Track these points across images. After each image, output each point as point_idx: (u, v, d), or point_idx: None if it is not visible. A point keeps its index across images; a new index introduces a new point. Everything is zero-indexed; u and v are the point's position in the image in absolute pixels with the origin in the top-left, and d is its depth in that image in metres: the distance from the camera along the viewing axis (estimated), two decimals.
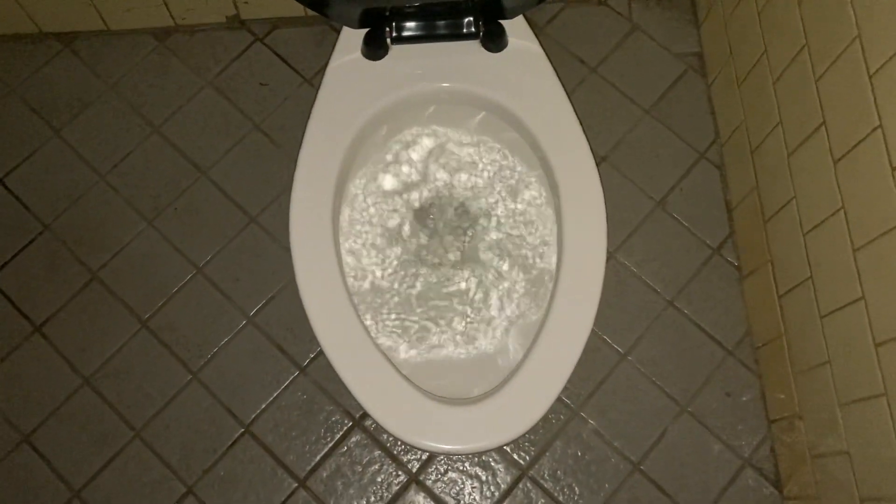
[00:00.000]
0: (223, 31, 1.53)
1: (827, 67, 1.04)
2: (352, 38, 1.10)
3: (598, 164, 1.42)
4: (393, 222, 1.15)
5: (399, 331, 1.11)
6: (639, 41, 1.53)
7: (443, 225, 1.16)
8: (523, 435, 1.13)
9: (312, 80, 1.50)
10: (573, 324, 1.01)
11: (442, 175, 1.16)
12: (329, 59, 1.12)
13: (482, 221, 1.16)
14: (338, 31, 1.14)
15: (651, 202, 1.44)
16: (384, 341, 1.10)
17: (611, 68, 1.51)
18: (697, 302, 1.39)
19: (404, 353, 1.10)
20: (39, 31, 1.51)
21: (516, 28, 1.11)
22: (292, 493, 1.30)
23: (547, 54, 1.13)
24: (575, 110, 1.09)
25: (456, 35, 1.09)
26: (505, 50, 1.10)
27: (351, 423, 1.33)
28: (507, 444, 1.27)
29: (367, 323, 1.11)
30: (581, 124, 1.09)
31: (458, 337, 1.11)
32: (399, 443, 1.32)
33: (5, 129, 1.47)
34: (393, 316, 1.11)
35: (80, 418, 1.33)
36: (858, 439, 1.05)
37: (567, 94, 1.10)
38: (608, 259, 1.36)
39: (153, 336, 1.37)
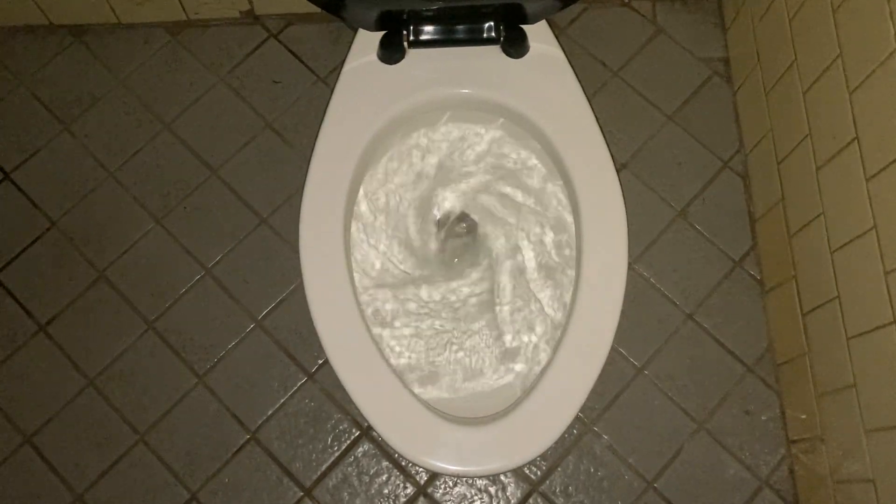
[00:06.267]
0: (237, 27, 1.50)
1: (862, 80, 1.00)
2: (368, 41, 1.07)
3: (618, 172, 1.39)
4: (402, 235, 1.12)
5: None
6: (663, 44, 1.48)
7: (456, 239, 1.13)
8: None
9: (327, 79, 1.47)
10: (591, 342, 0.97)
11: (456, 184, 1.13)
12: (344, 59, 1.08)
13: (496, 232, 1.12)
14: (354, 30, 1.10)
15: (672, 211, 1.40)
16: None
17: (633, 72, 1.47)
18: (717, 316, 1.35)
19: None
20: (50, 23, 1.48)
21: (538, 33, 1.07)
22: (297, 502, 1.28)
23: (568, 57, 1.09)
24: (596, 117, 1.05)
25: (476, 40, 1.05)
26: (526, 56, 1.06)
27: (359, 433, 1.30)
28: (517, 468, 1.24)
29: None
30: (602, 132, 1.05)
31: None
32: None
33: (14, 123, 1.45)
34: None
35: (83, 420, 1.31)
36: (884, 468, 1.01)
37: (588, 100, 1.06)
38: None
39: (160, 338, 1.34)
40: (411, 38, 1.05)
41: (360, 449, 1.30)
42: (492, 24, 1.05)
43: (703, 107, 1.45)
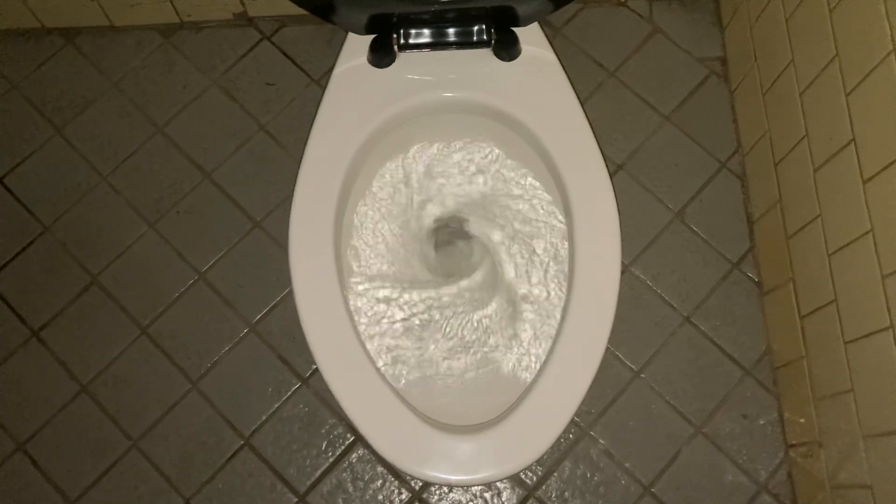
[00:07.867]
0: (230, 29, 1.48)
1: (859, 81, 0.98)
2: (358, 44, 1.05)
3: (614, 173, 1.38)
4: (396, 242, 1.11)
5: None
6: (659, 44, 1.47)
7: (449, 249, 1.12)
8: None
9: (320, 81, 1.46)
10: (585, 346, 0.96)
11: (450, 189, 1.12)
12: (334, 63, 1.07)
13: (491, 238, 1.11)
14: (346, 32, 1.09)
15: (669, 213, 1.38)
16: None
17: (630, 72, 1.45)
18: (715, 318, 1.33)
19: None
20: (42, 26, 1.47)
21: (530, 35, 1.05)
22: None
23: (563, 58, 1.08)
24: (589, 121, 1.04)
25: (466, 43, 1.04)
26: (518, 58, 1.05)
27: (353, 438, 1.29)
28: (511, 476, 1.23)
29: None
30: (595, 135, 1.03)
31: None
32: None
33: (6, 127, 1.44)
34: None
35: (76, 427, 1.30)
36: (882, 474, 1.00)
37: (581, 104, 1.05)
38: (622, 272, 1.31)
39: (153, 343, 1.34)
40: (401, 41, 1.04)
41: (355, 454, 1.29)
42: (483, 26, 1.03)
43: (701, 107, 1.43)
